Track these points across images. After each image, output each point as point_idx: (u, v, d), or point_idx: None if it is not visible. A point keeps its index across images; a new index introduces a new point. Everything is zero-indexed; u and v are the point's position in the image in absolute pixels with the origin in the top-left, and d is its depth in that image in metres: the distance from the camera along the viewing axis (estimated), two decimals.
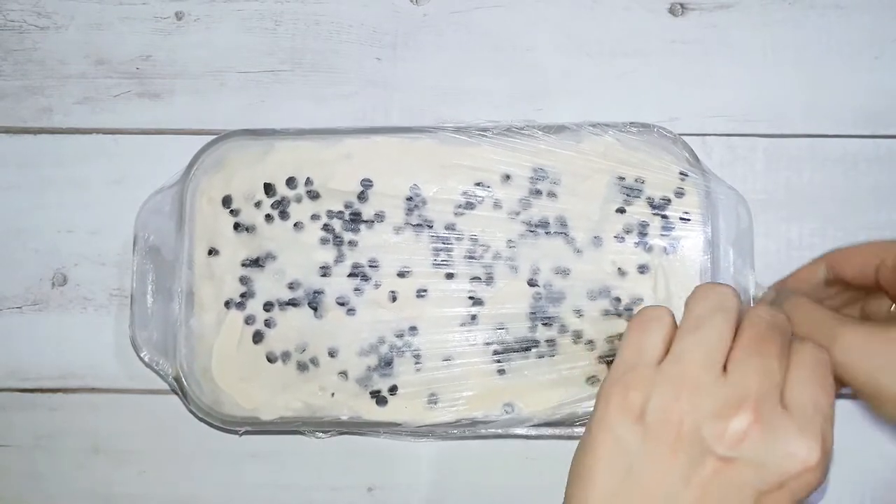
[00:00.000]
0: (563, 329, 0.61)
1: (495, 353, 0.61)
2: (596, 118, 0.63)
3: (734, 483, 0.42)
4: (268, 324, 0.61)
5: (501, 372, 0.60)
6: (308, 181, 0.62)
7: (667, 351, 0.45)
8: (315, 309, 0.61)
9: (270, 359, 0.61)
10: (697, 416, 0.42)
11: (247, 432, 0.63)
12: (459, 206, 0.62)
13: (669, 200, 0.61)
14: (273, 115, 0.66)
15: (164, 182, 0.63)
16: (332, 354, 0.61)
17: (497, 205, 0.62)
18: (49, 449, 0.65)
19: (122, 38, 0.67)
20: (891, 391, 0.47)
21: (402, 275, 0.61)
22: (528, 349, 0.60)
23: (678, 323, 0.46)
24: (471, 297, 0.61)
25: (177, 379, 0.60)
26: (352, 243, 0.61)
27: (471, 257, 0.61)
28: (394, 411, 0.60)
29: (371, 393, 0.60)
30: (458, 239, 0.61)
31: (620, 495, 0.43)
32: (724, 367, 0.44)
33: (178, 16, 0.67)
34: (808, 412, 0.42)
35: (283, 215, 0.62)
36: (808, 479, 0.42)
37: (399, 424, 0.60)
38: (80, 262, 0.66)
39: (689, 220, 0.61)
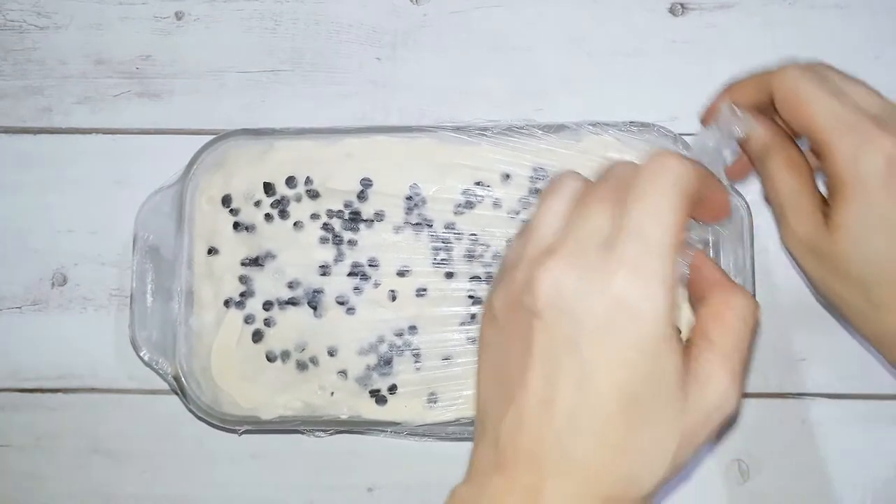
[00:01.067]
0: None
1: None
2: (596, 118, 0.63)
3: (561, 337, 0.40)
4: (267, 323, 0.61)
5: None
6: (308, 180, 0.62)
7: None
8: (315, 308, 0.61)
9: (270, 358, 0.61)
10: (518, 290, 0.42)
11: (246, 432, 0.63)
12: (459, 206, 0.62)
13: None
14: (273, 114, 0.66)
15: (164, 182, 0.63)
16: (331, 353, 0.61)
17: (497, 204, 0.62)
18: (49, 449, 0.65)
19: (121, 38, 0.67)
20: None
21: (401, 274, 0.61)
22: None
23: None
24: (470, 297, 0.61)
25: (176, 378, 0.60)
26: (351, 242, 0.61)
27: (470, 257, 0.61)
28: (393, 410, 0.60)
29: (370, 392, 0.60)
30: (457, 238, 0.61)
31: (494, 397, 0.43)
32: None
33: (178, 15, 0.67)
34: (628, 248, 0.39)
35: (283, 214, 0.62)
36: (629, 315, 0.39)
37: (399, 423, 0.60)
38: (79, 262, 0.66)
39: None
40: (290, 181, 0.62)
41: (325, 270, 0.61)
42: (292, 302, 0.61)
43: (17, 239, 0.66)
